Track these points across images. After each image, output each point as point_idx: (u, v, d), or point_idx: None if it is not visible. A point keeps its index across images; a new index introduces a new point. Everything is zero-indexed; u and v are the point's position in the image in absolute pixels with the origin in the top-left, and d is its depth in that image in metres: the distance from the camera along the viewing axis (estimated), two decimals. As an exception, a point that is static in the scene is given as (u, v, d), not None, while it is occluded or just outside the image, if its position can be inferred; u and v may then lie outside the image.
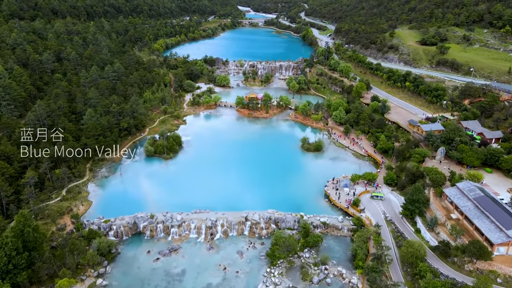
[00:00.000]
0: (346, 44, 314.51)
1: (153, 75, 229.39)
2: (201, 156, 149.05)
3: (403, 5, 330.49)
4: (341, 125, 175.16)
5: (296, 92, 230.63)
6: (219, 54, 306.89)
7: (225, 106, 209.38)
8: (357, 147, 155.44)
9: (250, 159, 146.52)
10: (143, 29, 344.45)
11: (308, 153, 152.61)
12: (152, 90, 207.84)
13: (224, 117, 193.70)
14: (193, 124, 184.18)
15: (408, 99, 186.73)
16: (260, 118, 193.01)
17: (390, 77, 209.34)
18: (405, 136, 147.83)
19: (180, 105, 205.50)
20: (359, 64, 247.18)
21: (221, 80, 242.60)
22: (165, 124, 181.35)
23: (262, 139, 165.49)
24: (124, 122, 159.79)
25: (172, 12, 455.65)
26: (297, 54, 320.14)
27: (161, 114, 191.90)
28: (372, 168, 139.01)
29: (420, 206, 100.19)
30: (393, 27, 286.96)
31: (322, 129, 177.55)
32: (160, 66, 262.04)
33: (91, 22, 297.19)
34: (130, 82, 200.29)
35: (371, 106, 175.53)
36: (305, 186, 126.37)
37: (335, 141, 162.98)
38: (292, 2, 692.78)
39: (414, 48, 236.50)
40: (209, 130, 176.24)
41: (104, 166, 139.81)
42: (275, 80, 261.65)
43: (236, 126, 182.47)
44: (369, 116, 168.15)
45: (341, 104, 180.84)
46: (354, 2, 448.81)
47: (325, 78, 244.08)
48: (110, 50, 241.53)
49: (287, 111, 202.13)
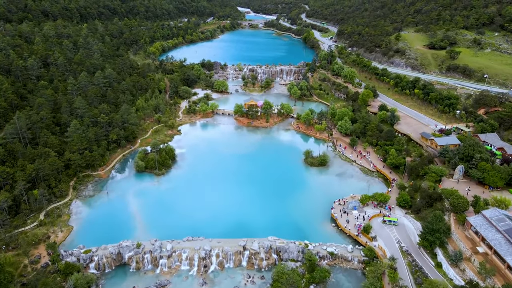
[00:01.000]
0: (349, 47, 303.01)
1: (147, 81, 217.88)
2: (196, 172, 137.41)
3: (408, 7, 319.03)
4: (347, 136, 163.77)
5: (298, 99, 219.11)
6: (217, 57, 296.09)
7: (222, 114, 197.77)
8: (365, 161, 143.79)
9: (249, 175, 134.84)
10: (139, 31, 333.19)
11: (312, 168, 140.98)
12: (145, 97, 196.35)
13: (222, 127, 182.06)
14: (189, 135, 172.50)
15: (417, 108, 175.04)
16: (260, 128, 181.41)
17: (398, 83, 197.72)
18: (417, 150, 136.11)
19: (175, 113, 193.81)
20: (364, 69, 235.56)
21: (219, 85, 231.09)
22: (159, 134, 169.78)
23: (262, 152, 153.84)
24: (113, 134, 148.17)
25: (169, 13, 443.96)
26: (298, 57, 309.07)
27: (154, 124, 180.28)
28: (382, 186, 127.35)
29: (441, 236, 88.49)
30: (398, 30, 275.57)
31: (326, 140, 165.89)
32: (155, 71, 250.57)
33: (84, 25, 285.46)
34: (122, 89, 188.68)
35: (378, 116, 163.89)
36: (309, 207, 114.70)
37: (340, 154, 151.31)
38: (292, 3, 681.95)
39: (421, 52, 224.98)
40: (205, 141, 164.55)
41: (90, 183, 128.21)
42: (275, 86, 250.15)
43: (234, 136, 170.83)
44: (377, 127, 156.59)
45: (346, 113, 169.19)
46: (357, 4, 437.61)
47: (328, 83, 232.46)
48: (103, 54, 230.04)
49: (289, 120, 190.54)
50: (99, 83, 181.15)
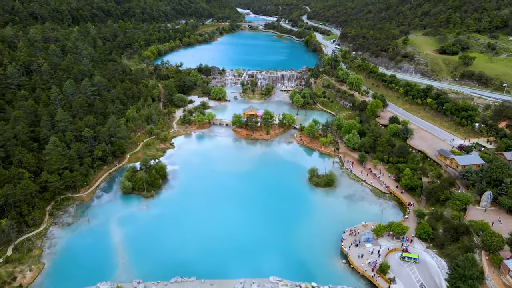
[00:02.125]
0: (353, 51, 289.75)
1: (140, 88, 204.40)
2: (188, 194, 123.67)
3: (414, 9, 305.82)
4: (355, 150, 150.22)
5: (301, 107, 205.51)
6: (215, 61, 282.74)
7: (220, 125, 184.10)
8: (376, 180, 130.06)
9: (247, 199, 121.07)
10: (134, 34, 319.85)
11: (318, 188, 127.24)
12: (137, 106, 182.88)
13: (219, 139, 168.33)
14: (182, 149, 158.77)
15: (431, 119, 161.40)
16: (260, 140, 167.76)
17: (408, 91, 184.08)
18: (435, 170, 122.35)
19: (169, 124, 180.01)
20: (370, 75, 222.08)
21: (217, 93, 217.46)
22: (150, 148, 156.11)
23: (263, 170, 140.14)
24: (98, 150, 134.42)
25: (166, 15, 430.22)
26: (300, 61, 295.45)
27: (145, 136, 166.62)
28: (397, 212, 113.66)
29: (474, 283, 74.78)
30: (405, 33, 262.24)
31: (332, 155, 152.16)
32: (149, 76, 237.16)
33: (75, 27, 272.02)
34: (111, 98, 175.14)
35: (389, 129, 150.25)
36: (316, 239, 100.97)
37: (348, 172, 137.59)
38: (293, 4, 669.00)
39: (432, 58, 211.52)
40: (200, 156, 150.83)
41: (70, 207, 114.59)
42: (276, 92, 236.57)
43: (232, 151, 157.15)
44: (388, 141, 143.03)
45: (354, 125, 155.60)
46: (360, 5, 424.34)
47: (333, 91, 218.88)
48: (93, 59, 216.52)
49: (291, 131, 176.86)
50: (86, 91, 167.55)
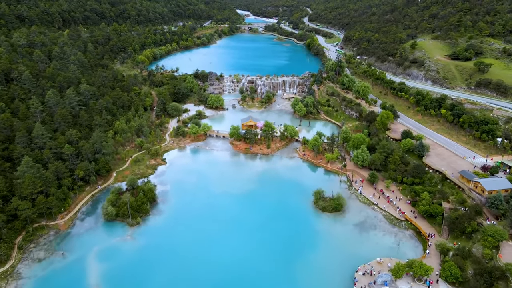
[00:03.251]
0: (358, 56, 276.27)
1: (131, 96, 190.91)
2: (179, 220, 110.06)
3: (421, 11, 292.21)
4: (364, 167, 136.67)
5: (303, 117, 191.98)
6: (213, 66, 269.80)
7: (216, 137, 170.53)
8: (390, 204, 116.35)
9: (246, 226, 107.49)
10: (128, 37, 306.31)
11: (324, 213, 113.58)
12: (127, 116, 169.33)
13: (215, 154, 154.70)
14: (175, 165, 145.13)
15: (447, 133, 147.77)
16: (259, 155, 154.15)
17: (419, 101, 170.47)
18: (457, 194, 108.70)
19: (161, 137, 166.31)
20: (377, 82, 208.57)
21: (214, 101, 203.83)
22: (139, 165, 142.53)
23: (263, 190, 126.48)
24: (80, 170, 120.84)
25: (163, 17, 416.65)
26: (302, 66, 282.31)
27: (135, 150, 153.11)
28: (416, 244, 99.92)
29: None
30: (413, 37, 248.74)
31: (339, 173, 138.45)
32: (142, 83, 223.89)
33: (65, 31, 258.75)
34: (99, 108, 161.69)
35: (402, 144, 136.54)
36: (324, 277, 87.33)
37: (358, 194, 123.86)
38: (293, 6, 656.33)
39: (443, 64, 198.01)
40: (194, 174, 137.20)
41: (43, 238, 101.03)
42: (277, 100, 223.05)
43: (229, 168, 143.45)
44: (401, 159, 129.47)
45: (362, 140, 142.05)
46: (363, 7, 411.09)
47: (337, 99, 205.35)
48: (82, 65, 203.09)
49: (293, 144, 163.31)
50: (71, 102, 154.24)
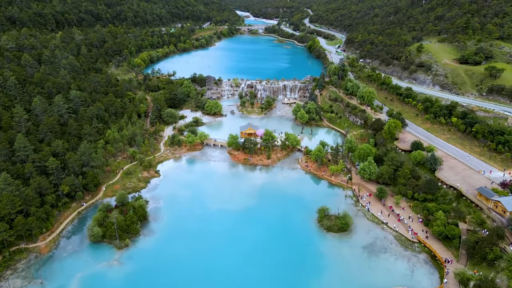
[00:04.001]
0: (361, 59, 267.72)
1: (125, 102, 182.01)
2: (172, 241, 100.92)
3: (426, 13, 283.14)
4: (371, 180, 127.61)
5: (305, 123, 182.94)
6: (212, 69, 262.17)
7: (214, 146, 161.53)
8: (401, 223, 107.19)
9: (245, 248, 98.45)
10: (124, 39, 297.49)
11: (329, 234, 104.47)
12: (119, 124, 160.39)
13: (212, 165, 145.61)
14: (169, 178, 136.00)
15: (459, 143, 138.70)
16: (259, 166, 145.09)
17: (428, 108, 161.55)
18: (474, 213, 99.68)
19: (155, 146, 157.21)
20: (382, 87, 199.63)
21: (211, 107, 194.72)
22: (130, 177, 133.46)
23: (263, 206, 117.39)
24: (65, 185, 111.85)
25: (161, 19, 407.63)
26: (303, 69, 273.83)
27: (127, 161, 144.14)
28: (431, 271, 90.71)
29: None
30: (418, 39, 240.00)
31: (344, 186, 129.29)
32: (138, 87, 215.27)
33: (58, 33, 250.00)
34: (89, 116, 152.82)
35: (412, 156, 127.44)
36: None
37: (365, 211, 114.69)
38: (294, 7, 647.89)
39: (452, 68, 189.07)
40: (189, 188, 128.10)
41: (21, 263, 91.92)
42: (278, 106, 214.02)
43: (227, 181, 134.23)
44: (412, 172, 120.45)
45: (369, 150, 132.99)
46: (365, 9, 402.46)
47: (341, 105, 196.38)
48: (74, 69, 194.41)
49: (295, 154, 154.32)
50: (59, 109, 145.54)
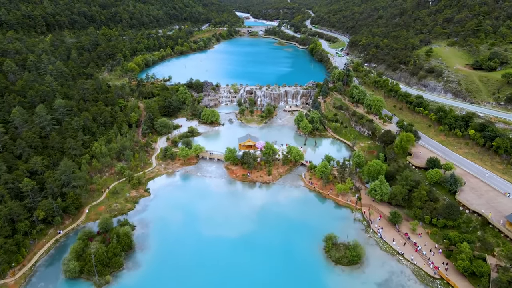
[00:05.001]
0: (365, 63, 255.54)
1: (115, 110, 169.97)
2: (160, 277, 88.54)
3: (434, 15, 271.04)
4: (382, 202, 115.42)
5: (309, 134, 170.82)
6: (209, 73, 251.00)
7: (210, 160, 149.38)
8: (419, 255, 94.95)
9: (241, 283, 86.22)
10: (118, 42, 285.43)
11: (338, 267, 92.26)
12: (108, 136, 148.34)
13: (208, 182, 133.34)
14: (160, 197, 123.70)
15: (478, 159, 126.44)
16: (259, 183, 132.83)
17: (442, 118, 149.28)
18: (504, 245, 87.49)
19: (146, 160, 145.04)
20: (390, 94, 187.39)
21: (208, 115, 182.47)
22: (117, 197, 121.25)
23: (263, 233, 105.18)
24: (40, 210, 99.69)
25: (158, 21, 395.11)
26: (305, 74, 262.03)
27: (115, 178, 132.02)
28: (458, 315, 78.69)
29: None
30: (426, 43, 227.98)
31: (353, 208, 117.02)
32: (130, 94, 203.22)
33: (48, 36, 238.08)
34: (74, 127, 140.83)
35: (429, 176, 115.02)
36: None
37: (378, 238, 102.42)
38: (295, 8, 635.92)
39: (465, 74, 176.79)
40: (182, 209, 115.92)
41: (-14, 306, 79.90)
42: (279, 113, 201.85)
43: (224, 201, 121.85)
44: (429, 194, 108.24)
45: (379, 167, 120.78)
46: (368, 10, 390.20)
47: (346, 113, 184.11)
48: (62, 75, 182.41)
49: (298, 169, 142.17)
50: (41, 121, 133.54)
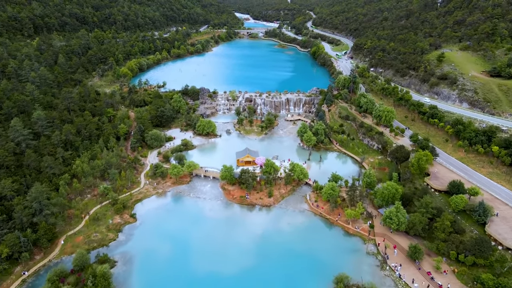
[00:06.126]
0: (371, 68, 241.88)
1: (103, 121, 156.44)
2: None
3: (443, 17, 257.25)
4: (398, 231, 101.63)
5: (313, 146, 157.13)
6: (206, 79, 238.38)
7: (205, 177, 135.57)
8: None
9: None
10: (111, 45, 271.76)
11: (352, 316, 78.58)
12: (92, 151, 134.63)
13: (201, 205, 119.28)
14: (147, 224, 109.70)
15: (505, 180, 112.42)
16: (259, 206, 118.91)
17: (460, 132, 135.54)
18: (551, 296, 73.85)
19: (134, 179, 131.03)
20: (400, 103, 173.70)
21: (203, 127, 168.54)
22: (99, 224, 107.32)
23: (263, 269, 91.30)
24: (4, 246, 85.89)
25: (154, 22, 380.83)
26: (307, 79, 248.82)
27: (98, 200, 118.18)
28: None
29: None
30: (437, 47, 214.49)
31: (365, 238, 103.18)
32: (121, 102, 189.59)
33: (35, 39, 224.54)
34: (54, 143, 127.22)
35: (453, 203, 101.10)
36: None
37: (396, 278, 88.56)
38: (295, 9, 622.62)
39: (482, 82, 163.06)
40: (171, 240, 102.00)
41: None
42: (280, 123, 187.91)
43: (219, 229, 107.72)
44: (453, 224, 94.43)
45: (395, 191, 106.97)
46: (372, 12, 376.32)
47: (353, 124, 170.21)
48: (46, 83, 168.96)
49: (302, 189, 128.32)
50: (16, 136, 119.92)
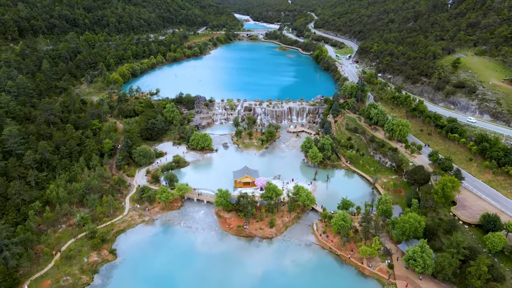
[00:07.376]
0: (379, 73, 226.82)
1: (86, 135, 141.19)
2: None
3: (455, 19, 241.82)
4: (424, 274, 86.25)
5: (319, 163, 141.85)
6: (203, 85, 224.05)
7: (198, 201, 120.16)
8: None
9: None
10: (103, 49, 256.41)
11: None
12: (72, 171, 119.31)
13: (193, 238, 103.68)
14: (129, 262, 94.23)
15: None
16: (258, 239, 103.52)
17: (485, 150, 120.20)
18: None
19: (116, 205, 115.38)
20: (414, 114, 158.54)
21: (198, 141, 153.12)
22: (71, 264, 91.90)
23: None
24: (-51, 302, 70.69)
25: (150, 24, 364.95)
26: (311, 85, 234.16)
27: (74, 232, 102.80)
28: None
29: None
30: (450, 51, 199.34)
31: (384, 283, 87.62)
32: (109, 112, 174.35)
33: (19, 43, 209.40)
34: (26, 164, 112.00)
35: (489, 243, 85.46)
36: None
37: (425, 339, 73.30)
38: (296, 10, 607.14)
39: (505, 92, 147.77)
40: (156, 283, 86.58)
41: None
42: (282, 135, 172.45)
43: (212, 269, 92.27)
44: (491, 269, 79.04)
45: (417, 224, 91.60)
46: (377, 13, 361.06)
47: (362, 138, 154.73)
48: (25, 92, 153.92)
49: (308, 216, 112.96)
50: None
